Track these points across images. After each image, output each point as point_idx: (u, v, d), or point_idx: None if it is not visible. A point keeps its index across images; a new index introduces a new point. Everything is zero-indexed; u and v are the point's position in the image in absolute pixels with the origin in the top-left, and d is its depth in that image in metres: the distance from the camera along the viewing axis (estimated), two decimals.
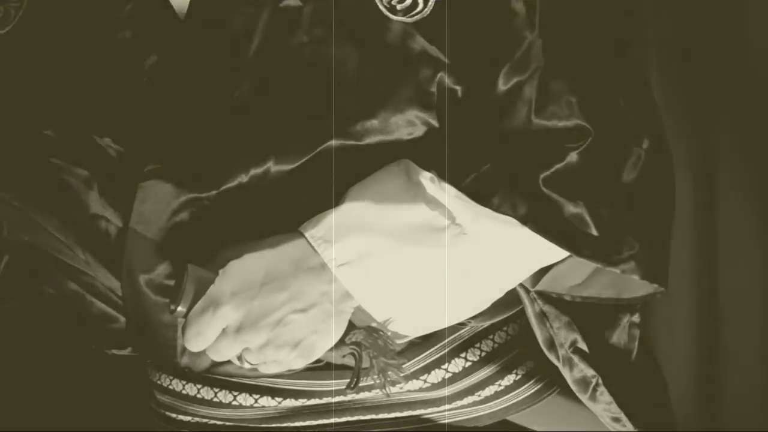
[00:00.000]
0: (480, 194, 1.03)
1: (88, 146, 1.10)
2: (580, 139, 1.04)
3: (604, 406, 1.10)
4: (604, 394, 1.09)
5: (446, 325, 1.10)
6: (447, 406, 1.13)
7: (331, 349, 1.07)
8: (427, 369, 1.12)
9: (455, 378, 1.12)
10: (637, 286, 1.10)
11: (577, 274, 1.10)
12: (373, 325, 1.06)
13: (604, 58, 1.09)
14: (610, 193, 1.05)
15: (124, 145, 1.09)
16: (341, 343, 1.07)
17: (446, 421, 1.13)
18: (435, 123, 1.06)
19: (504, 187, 1.03)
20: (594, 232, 1.05)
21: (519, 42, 1.04)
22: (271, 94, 1.07)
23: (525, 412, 1.14)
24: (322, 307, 1.05)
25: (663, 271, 1.09)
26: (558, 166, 1.03)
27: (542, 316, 1.10)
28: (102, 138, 1.10)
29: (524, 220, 1.03)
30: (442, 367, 1.12)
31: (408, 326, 1.08)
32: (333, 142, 1.05)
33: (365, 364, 1.08)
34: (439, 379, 1.12)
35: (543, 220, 1.04)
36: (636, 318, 1.13)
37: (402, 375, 1.07)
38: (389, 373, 1.06)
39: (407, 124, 1.06)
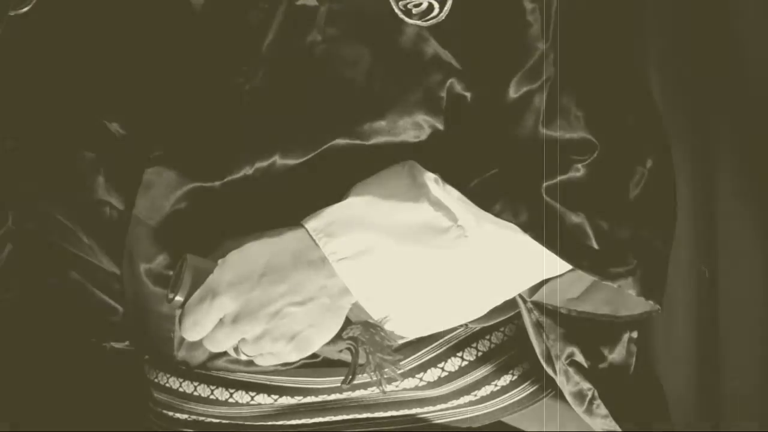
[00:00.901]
0: (483, 199, 1.04)
1: (97, 130, 1.11)
2: (585, 153, 1.05)
3: (600, 420, 1.10)
4: (600, 407, 1.10)
5: (443, 328, 1.11)
6: (442, 406, 1.13)
7: (327, 344, 1.07)
8: (423, 367, 1.12)
9: (451, 377, 1.12)
10: (634, 304, 1.11)
11: (573, 289, 1.11)
12: (371, 321, 1.07)
13: (614, 75, 1.09)
14: (611, 207, 1.06)
15: (133, 130, 1.10)
16: (338, 337, 1.08)
17: (442, 420, 1.13)
18: (441, 127, 1.07)
19: (506, 194, 1.04)
20: (594, 244, 1.06)
21: (531, 52, 1.05)
22: (281, 89, 1.07)
23: (520, 413, 1.14)
24: (320, 301, 1.06)
25: (659, 289, 1.10)
26: (562, 176, 1.05)
27: (538, 327, 1.11)
28: (111, 123, 1.10)
29: (525, 228, 1.04)
30: (439, 365, 1.12)
31: (404, 327, 1.08)
32: (339, 141, 1.06)
33: (362, 359, 1.08)
34: (435, 378, 1.12)
35: (544, 229, 1.04)
36: (634, 334, 1.14)
37: (399, 372, 1.08)
38: (386, 369, 1.06)
39: (414, 126, 1.07)
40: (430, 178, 1.04)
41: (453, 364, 1.12)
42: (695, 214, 1.26)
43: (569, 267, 1.09)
